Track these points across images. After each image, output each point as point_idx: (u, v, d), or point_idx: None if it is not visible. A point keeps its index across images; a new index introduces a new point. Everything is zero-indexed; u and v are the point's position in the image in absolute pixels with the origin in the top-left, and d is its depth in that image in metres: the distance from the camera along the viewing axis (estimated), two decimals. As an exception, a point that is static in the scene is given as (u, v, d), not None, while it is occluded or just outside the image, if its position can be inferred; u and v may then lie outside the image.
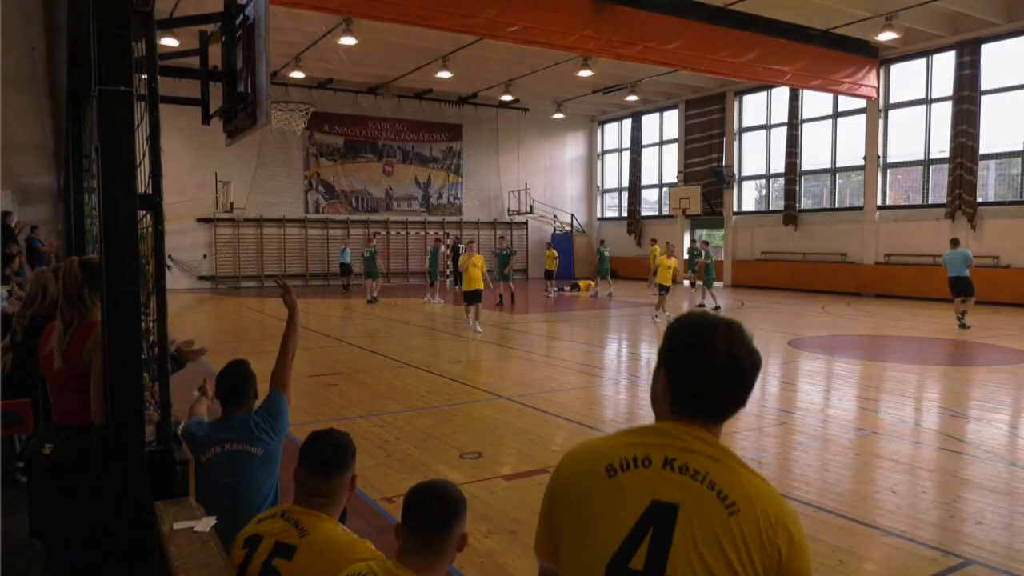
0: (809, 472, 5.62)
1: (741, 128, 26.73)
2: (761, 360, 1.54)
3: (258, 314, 18.20)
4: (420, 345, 12.68)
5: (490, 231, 30.96)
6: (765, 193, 26.60)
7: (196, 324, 15.69)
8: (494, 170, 31.09)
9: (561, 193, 32.81)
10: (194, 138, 23.78)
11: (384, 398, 8.19)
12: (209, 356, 11.07)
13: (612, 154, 33.08)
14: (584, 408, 7.74)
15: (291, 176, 26.88)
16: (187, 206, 24.15)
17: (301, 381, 9.22)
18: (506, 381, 9.16)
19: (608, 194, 33.88)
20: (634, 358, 11.60)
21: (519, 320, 16.41)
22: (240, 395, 3.31)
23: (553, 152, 32.63)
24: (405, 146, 29.20)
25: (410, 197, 29.49)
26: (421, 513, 2.04)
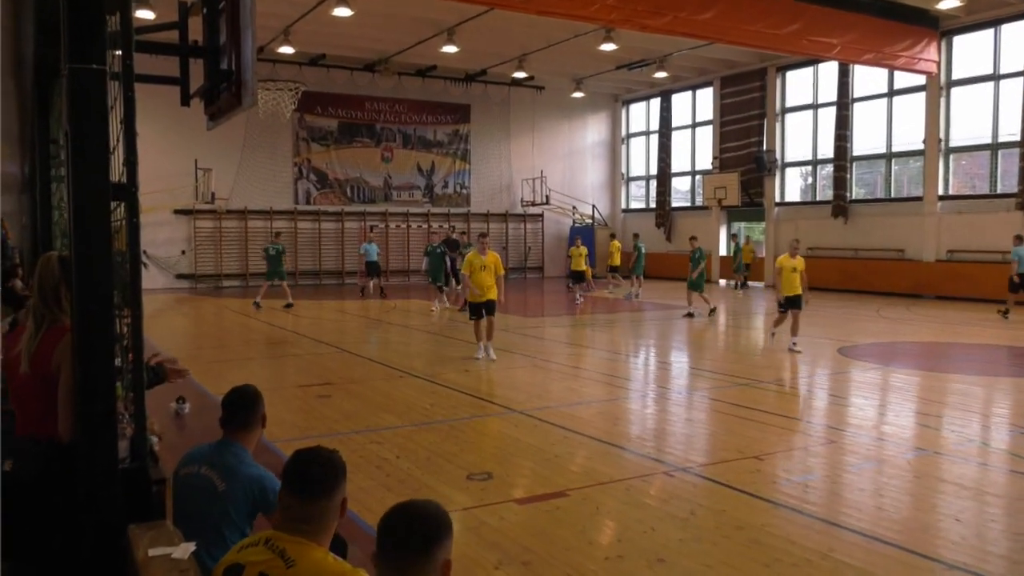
0: (862, 497, 5.58)
1: (784, 108, 26.60)
2: None
3: (242, 317, 18.29)
4: (422, 352, 12.69)
5: (501, 224, 30.98)
6: (811, 181, 26.44)
7: (173, 328, 15.80)
8: (505, 156, 31.11)
9: (581, 182, 32.79)
10: (172, 121, 23.89)
11: (382, 411, 8.21)
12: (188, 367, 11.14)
13: (638, 138, 33.01)
14: (608, 424, 7.72)
15: (279, 163, 27.02)
16: (164, 196, 24.32)
17: (288, 391, 9.25)
18: (519, 393, 9.16)
19: (634, 183, 33.80)
20: (663, 367, 11.57)
21: (534, 325, 16.40)
22: (241, 420, 3.33)
23: (572, 136, 32.61)
24: (406, 129, 29.27)
25: (411, 186, 29.57)
26: (393, 538, 2.02)
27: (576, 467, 6.31)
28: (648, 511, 5.27)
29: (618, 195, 33.54)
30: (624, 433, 7.43)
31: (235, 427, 3.33)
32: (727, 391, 9.30)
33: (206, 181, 25.05)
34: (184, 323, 17.00)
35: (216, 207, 25.58)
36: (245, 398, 3.39)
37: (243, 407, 3.36)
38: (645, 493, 5.66)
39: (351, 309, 19.46)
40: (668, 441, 7.11)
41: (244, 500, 3.16)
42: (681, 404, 8.78)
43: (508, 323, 17.33)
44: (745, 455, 6.55)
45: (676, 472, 6.11)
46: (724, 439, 7.16)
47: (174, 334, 14.70)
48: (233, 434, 3.33)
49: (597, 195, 32.99)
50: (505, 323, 17.37)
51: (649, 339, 14.44)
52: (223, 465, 3.21)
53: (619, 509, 5.33)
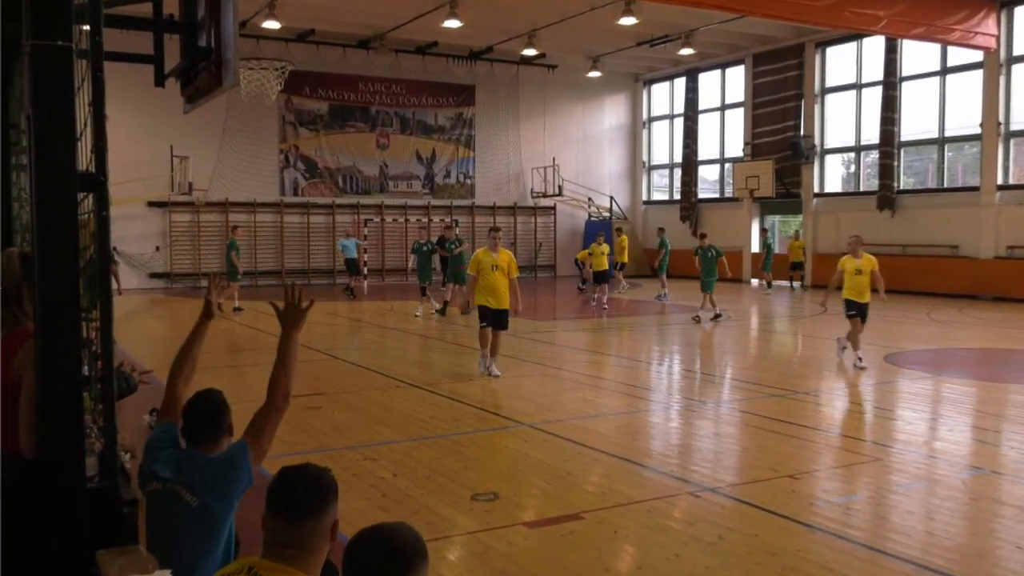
0: (911, 521, 5.56)
1: (824, 89, 26.52)
2: None
3: (223, 321, 18.35)
4: (422, 359, 12.70)
5: (509, 217, 30.99)
6: (854, 170, 26.35)
7: (146, 332, 15.86)
8: (514, 142, 31.13)
9: (597, 171, 32.78)
10: (146, 104, 23.97)
11: (378, 424, 8.22)
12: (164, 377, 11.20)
13: (661, 122, 32.97)
14: (626, 439, 7.71)
15: (263, 150, 27.12)
16: (136, 187, 24.42)
17: (276, 403, 9.28)
18: (529, 404, 9.16)
19: (656, 172, 33.75)
20: (689, 376, 11.55)
21: (544, 329, 16.40)
22: (206, 431, 3.33)
23: (587, 120, 32.60)
24: (404, 112, 29.34)
25: (410, 176, 29.63)
26: (361, 568, 2.04)
27: (592, 486, 6.30)
28: (671, 535, 5.26)
29: (639, 185, 33.52)
30: (645, 449, 7.42)
31: (200, 443, 3.33)
32: (760, 403, 9.28)
33: (183, 170, 25.15)
34: (159, 327, 17.06)
35: (194, 199, 25.68)
36: (208, 409, 3.39)
37: (206, 419, 3.36)
38: (668, 515, 5.65)
39: (343, 311, 19.50)
40: (694, 458, 7.09)
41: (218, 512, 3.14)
42: (708, 417, 8.77)
43: (516, 327, 17.31)
44: (779, 474, 6.53)
45: (703, 492, 6.10)
46: (756, 456, 7.14)
47: (148, 339, 14.75)
48: (200, 446, 3.33)
49: (615, 185, 32.98)
50: (513, 327, 17.30)
51: (673, 345, 14.42)
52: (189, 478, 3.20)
53: (639, 533, 5.32)
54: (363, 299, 22.43)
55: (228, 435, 3.40)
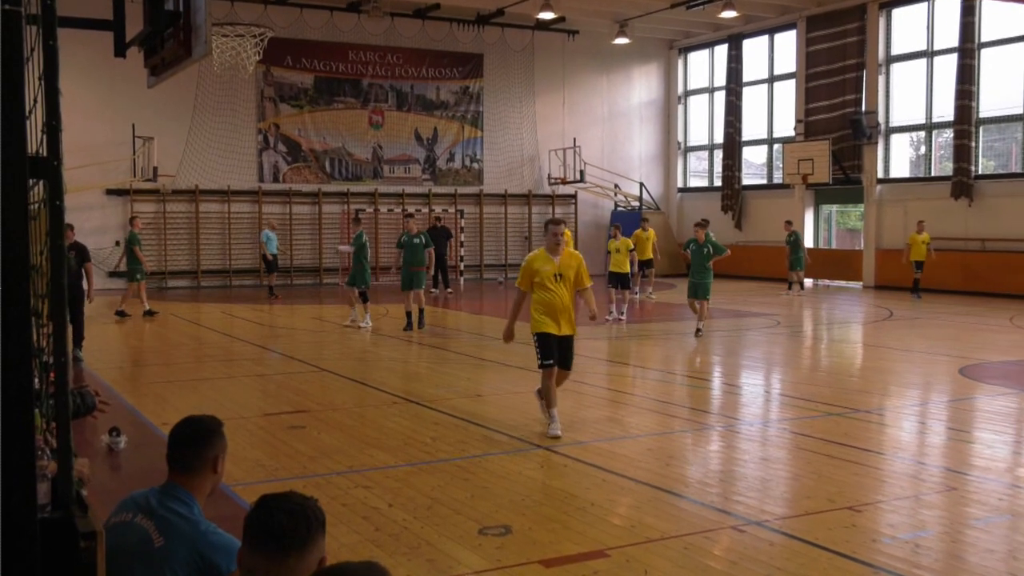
0: (991, 561, 5.53)
1: (889, 57, 26.43)
2: None
3: (192, 326, 18.44)
4: (422, 371, 12.73)
5: (522, 207, 31.02)
6: (924, 151, 26.24)
7: (104, 341, 15.95)
8: (529, 120, 31.17)
9: (625, 153, 32.78)
10: (104, 77, 24.16)
11: (372, 446, 8.25)
12: (126, 391, 11.26)
13: (699, 96, 32.94)
14: (658, 464, 7.70)
15: (239, 130, 27.25)
16: (93, 172, 24.58)
17: (252, 421, 9.32)
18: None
19: (694, 154, 33.70)
20: (731, 392, 11.53)
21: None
22: (189, 461, 3.35)
23: (614, 94, 32.60)
24: (401, 86, 29.43)
25: (408, 159, 29.71)
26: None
27: (618, 519, 6.30)
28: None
29: (673, 170, 33.49)
30: (681, 476, 7.41)
31: (183, 469, 3.35)
32: (814, 423, 9.25)
33: (146, 153, 25.29)
34: (119, 334, 17.16)
35: (159, 186, 25.83)
36: (198, 432, 3.41)
37: (194, 444, 3.38)
38: (708, 553, 5.64)
39: (331, 316, 19.56)
40: (737, 487, 7.08)
41: (185, 562, 3.16)
42: (754, 439, 8.74)
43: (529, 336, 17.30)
44: (837, 505, 6.51)
45: (748, 527, 6.08)
46: (810, 484, 7.12)
47: (107, 348, 14.84)
48: (179, 477, 3.35)
49: (646, 170, 32.97)
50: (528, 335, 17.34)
51: (713, 355, 14.38)
52: (163, 515, 3.23)
53: (674, 573, 5.32)
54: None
55: (212, 471, 3.40)
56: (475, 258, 30.21)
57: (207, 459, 3.38)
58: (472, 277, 29.72)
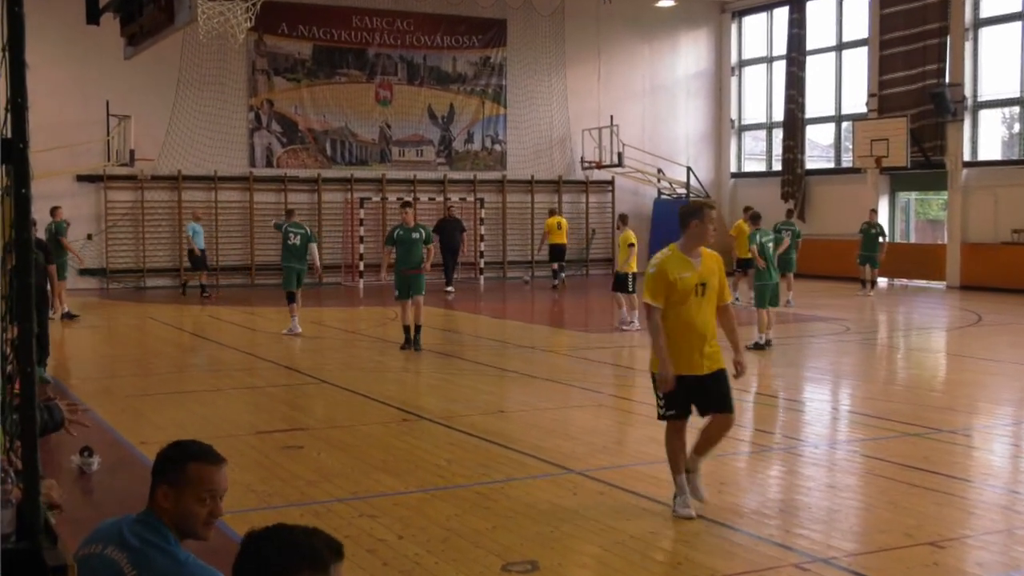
0: (1096, 605, 5.46)
1: (977, 20, 26.20)
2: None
3: (174, 331, 18.52)
4: (436, 384, 12.72)
5: (551, 195, 30.95)
6: (1020, 130, 25.96)
7: (76, 347, 16.07)
8: (559, 95, 31.13)
9: (670, 133, 32.67)
10: (75, 48, 24.28)
11: (377, 470, 8.25)
12: (99, 406, 11.32)
13: (756, 67, 32.77)
14: (709, 492, 7.66)
15: (228, 107, 27.36)
16: (62, 156, 24.73)
17: (243, 440, 9.34)
18: (578, 444, 9.14)
19: (749, 134, 33.52)
20: (793, 409, 11.46)
21: (598, 344, 16.38)
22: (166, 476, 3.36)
23: (657, 65, 32.49)
24: (412, 56, 29.46)
25: (421, 140, 29.75)
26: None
27: (663, 555, 6.27)
28: (771, 622, 5.22)
29: (725, 152, 33.33)
30: (734, 505, 7.36)
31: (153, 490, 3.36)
32: (890, 444, 9.18)
33: (122, 134, 25.41)
34: (92, 340, 17.28)
35: (137, 172, 25.96)
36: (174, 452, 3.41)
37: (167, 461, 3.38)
38: (766, 595, 5.61)
39: (330, 320, 19.63)
40: (800, 518, 7.03)
41: None
42: (819, 463, 8.68)
43: (562, 341, 17.28)
44: (917, 540, 6.46)
45: (812, 564, 6.05)
46: (885, 516, 7.07)
47: (77, 356, 14.95)
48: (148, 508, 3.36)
49: (694, 152, 32.85)
50: (558, 341, 17.33)
51: (773, 367, 14.31)
52: (138, 547, 3.24)
53: (727, 619, 5.28)
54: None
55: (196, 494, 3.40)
56: (497, 254, 30.19)
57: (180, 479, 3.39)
58: (494, 276, 29.72)
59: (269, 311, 20.50)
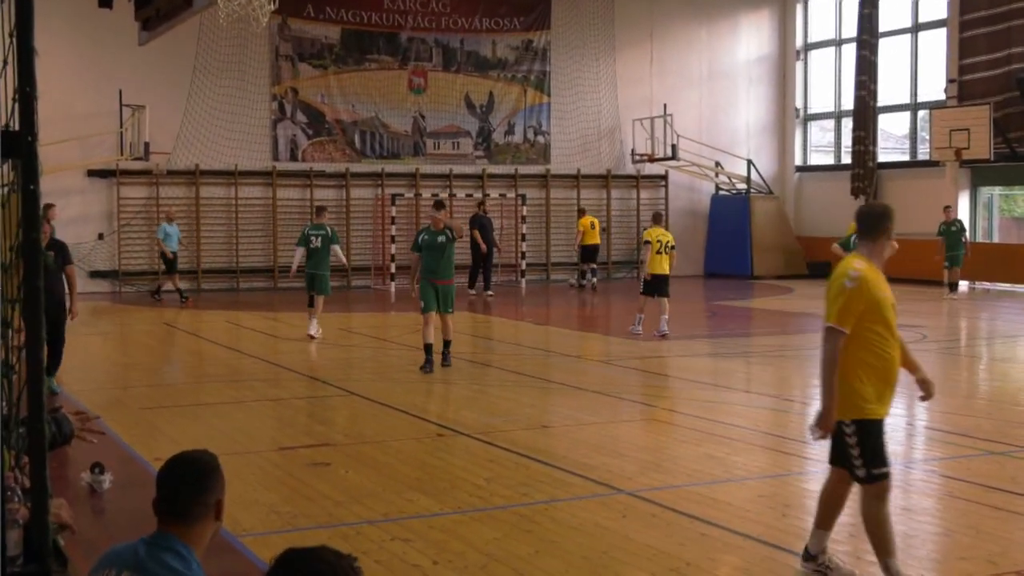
0: None
1: (1068, -3, 25.86)
2: None
3: (192, 338, 18.64)
4: (474, 396, 12.72)
5: (599, 191, 30.91)
6: (1115, 118, 25.61)
7: (86, 355, 16.22)
8: (607, 83, 31.08)
9: (729, 123, 32.53)
10: (86, 33, 24.56)
11: (411, 489, 8.26)
12: (111, 419, 11.43)
13: (823, 50, 32.57)
14: (772, 514, 7.61)
15: (249, 97, 27.54)
16: (73, 150, 24.98)
17: (264, 456, 9.40)
18: (628, 461, 9.11)
19: (816, 124, 33.28)
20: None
21: (650, 351, 16.32)
22: (183, 507, 3.38)
23: (715, 49, 32.36)
24: (448, 40, 29.52)
25: (457, 131, 29.80)
26: None
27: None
28: (839, 658, 5.17)
29: (789, 144, 33.13)
30: (800, 530, 7.30)
31: (175, 516, 3.38)
32: (971, 464, 9.07)
33: (136, 126, 25.63)
34: (102, 347, 17.45)
35: (152, 166, 26.18)
36: (193, 472, 3.43)
37: (188, 486, 3.40)
38: (834, 628, 5.55)
39: (359, 326, 19.70)
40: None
41: None
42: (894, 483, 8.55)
43: (610, 349, 17.24)
44: (1001, 568, 6.39)
45: (886, 595, 5.99)
46: (966, 542, 6.99)
47: (87, 365, 15.08)
48: (173, 526, 3.38)
49: (756, 144, 32.69)
50: (605, 349, 17.28)
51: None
52: (155, 572, 3.26)
53: (791, 654, 5.25)
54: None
55: (215, 518, 3.43)
56: (540, 254, 30.16)
57: (209, 504, 3.40)
58: (536, 278, 29.71)
59: (293, 317, 20.61)
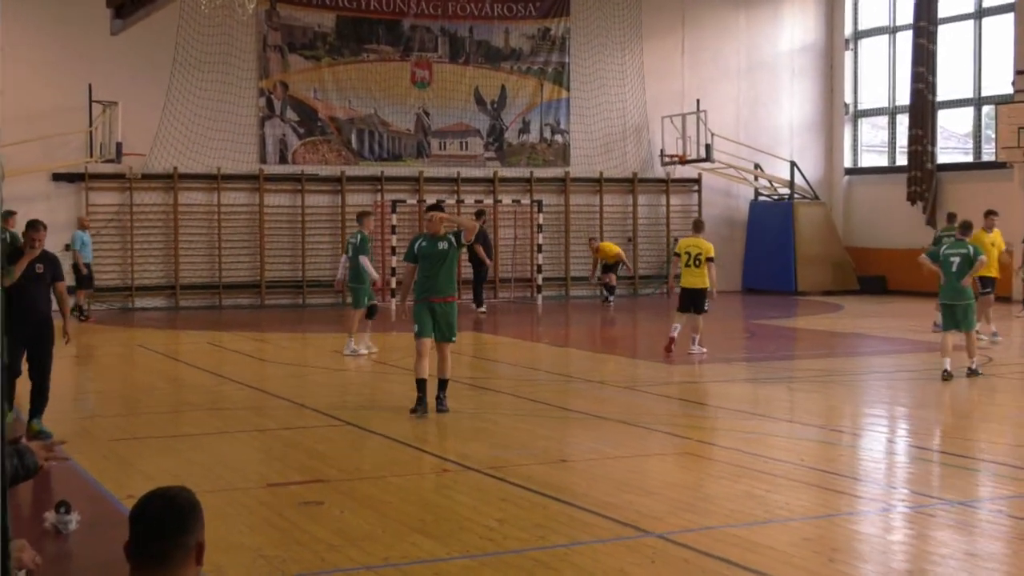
0: None
1: None
2: None
3: (168, 362, 18.65)
4: (484, 426, 12.70)
5: (624, 197, 30.91)
6: None
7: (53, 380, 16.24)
8: (633, 76, 31.10)
9: (770, 120, 32.53)
10: (52, 21, 24.65)
11: (414, 531, 8.25)
12: (78, 452, 11.46)
13: (876, 39, 32.57)
14: (818, 559, 7.59)
15: (234, 92, 27.62)
16: (37, 151, 25.05)
17: (250, 493, 9.39)
18: (657, 501, 9.09)
19: (868, 121, 33.23)
20: (923, 459, 11.32)
21: (681, 376, 16.33)
22: (160, 551, 3.39)
23: (754, 38, 32.39)
24: (456, 28, 29.59)
25: (466, 130, 29.83)
26: None
27: (761, 638, 6.21)
28: None
29: (837, 144, 33.10)
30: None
31: (150, 561, 3.39)
32: (1044, 503, 9.04)
33: (108, 124, 25.68)
34: (69, 371, 17.46)
35: (125, 169, 26.25)
36: (170, 511, 3.45)
37: (165, 527, 3.42)
38: None
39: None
40: (932, 594, 6.95)
41: None
42: (955, 524, 8.56)
43: (636, 373, 17.22)
44: (1079, 623, 6.35)
45: (948, 652, 5.96)
46: (1039, 592, 6.96)
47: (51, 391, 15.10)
48: (148, 572, 3.39)
49: (800, 144, 32.68)
50: (631, 373, 17.25)
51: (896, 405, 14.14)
52: None
53: None
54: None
55: (195, 563, 3.44)
56: (558, 267, 30.15)
57: (188, 548, 3.42)
58: (554, 294, 29.66)
59: (281, 338, 20.69)
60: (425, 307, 12.90)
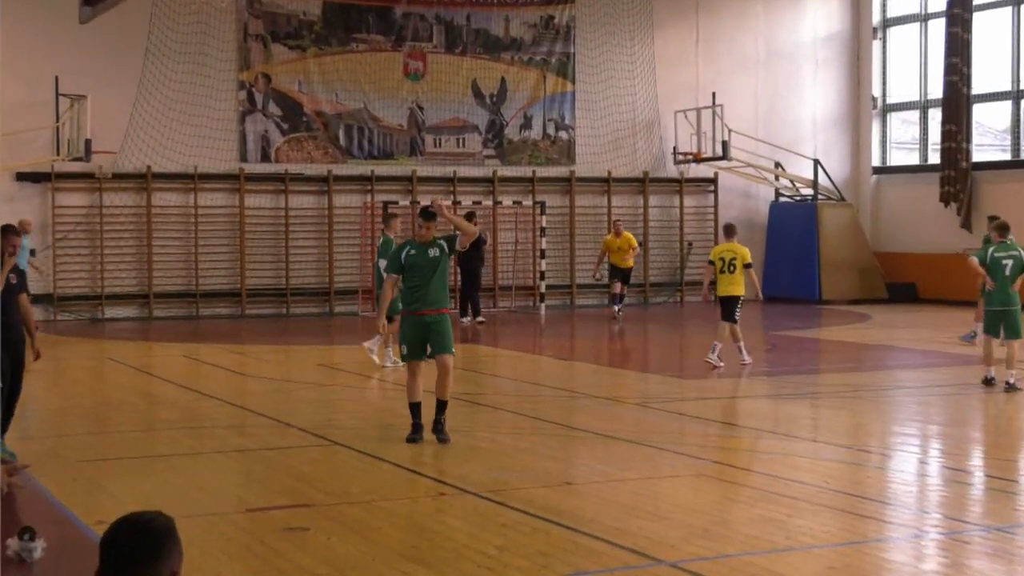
0: None
1: None
2: None
3: (142, 376, 18.63)
4: (482, 446, 12.68)
5: (635, 198, 30.92)
6: None
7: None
8: (643, 67, 31.13)
9: (792, 115, 32.57)
10: (16, 9, 24.67)
11: (407, 559, 8.24)
12: (44, 474, 11.45)
13: (906, 27, 32.63)
14: (844, 590, 7.59)
15: (212, 86, 27.63)
16: (0, 148, 25.03)
17: (229, 520, 9.37)
18: (672, 527, 9.08)
19: (898, 115, 33.27)
20: (958, 482, 11.30)
21: (696, 392, 16.33)
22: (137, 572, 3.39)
23: (774, 26, 32.44)
24: (452, 16, 29.64)
25: (463, 126, 29.85)
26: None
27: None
28: None
29: (865, 140, 33.12)
30: (879, 610, 7.28)
31: None
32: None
33: (76, 120, 25.69)
34: (34, 387, 17.43)
35: (95, 169, 26.27)
36: (143, 538, 3.44)
37: (138, 554, 3.41)
38: None
39: (343, 362, 19.67)
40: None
41: None
42: (994, 552, 8.55)
43: (647, 389, 17.21)
44: None
45: None
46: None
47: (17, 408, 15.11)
48: None
49: (824, 140, 32.72)
50: (642, 389, 17.25)
51: (929, 423, 14.14)
52: None
53: None
54: None
55: None
56: (563, 274, 30.16)
57: (162, 573, 3.41)
58: (558, 303, 29.67)
59: (263, 350, 20.68)
60: (414, 324, 12.47)
